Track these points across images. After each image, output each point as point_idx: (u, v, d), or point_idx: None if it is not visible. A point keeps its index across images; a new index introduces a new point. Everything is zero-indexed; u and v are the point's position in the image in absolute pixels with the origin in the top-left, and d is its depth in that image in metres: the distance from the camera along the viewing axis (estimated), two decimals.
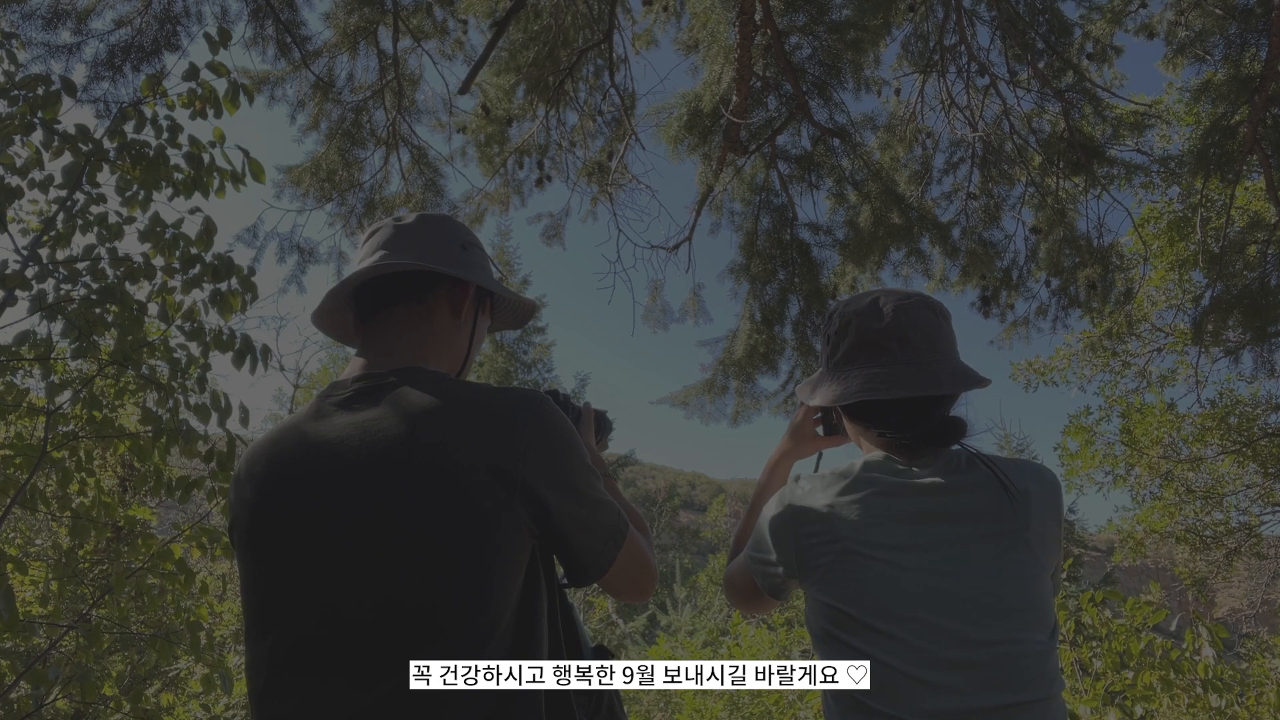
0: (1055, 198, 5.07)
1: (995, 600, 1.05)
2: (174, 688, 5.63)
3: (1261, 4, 4.57)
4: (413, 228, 1.14)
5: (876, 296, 1.23)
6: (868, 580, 1.07)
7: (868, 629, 1.06)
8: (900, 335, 1.17)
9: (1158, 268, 7.71)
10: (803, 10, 4.45)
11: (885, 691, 1.04)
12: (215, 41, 2.65)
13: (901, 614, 1.04)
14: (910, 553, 1.07)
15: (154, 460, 2.70)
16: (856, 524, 1.10)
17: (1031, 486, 1.12)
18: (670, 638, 10.34)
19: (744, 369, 5.13)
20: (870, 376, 1.16)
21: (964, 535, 1.08)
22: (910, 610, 1.04)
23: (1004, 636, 1.04)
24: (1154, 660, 3.58)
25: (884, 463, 1.16)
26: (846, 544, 1.09)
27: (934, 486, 1.12)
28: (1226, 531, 8.40)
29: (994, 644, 1.03)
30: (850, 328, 1.21)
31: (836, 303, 1.31)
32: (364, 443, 0.93)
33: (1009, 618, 1.05)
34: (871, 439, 1.22)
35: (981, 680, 1.02)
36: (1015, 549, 1.08)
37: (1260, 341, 5.76)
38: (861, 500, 1.12)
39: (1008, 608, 1.05)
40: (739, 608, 1.37)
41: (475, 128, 5.31)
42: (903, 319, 1.18)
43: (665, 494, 42.60)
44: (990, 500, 1.11)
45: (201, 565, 5.57)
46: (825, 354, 1.27)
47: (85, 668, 2.92)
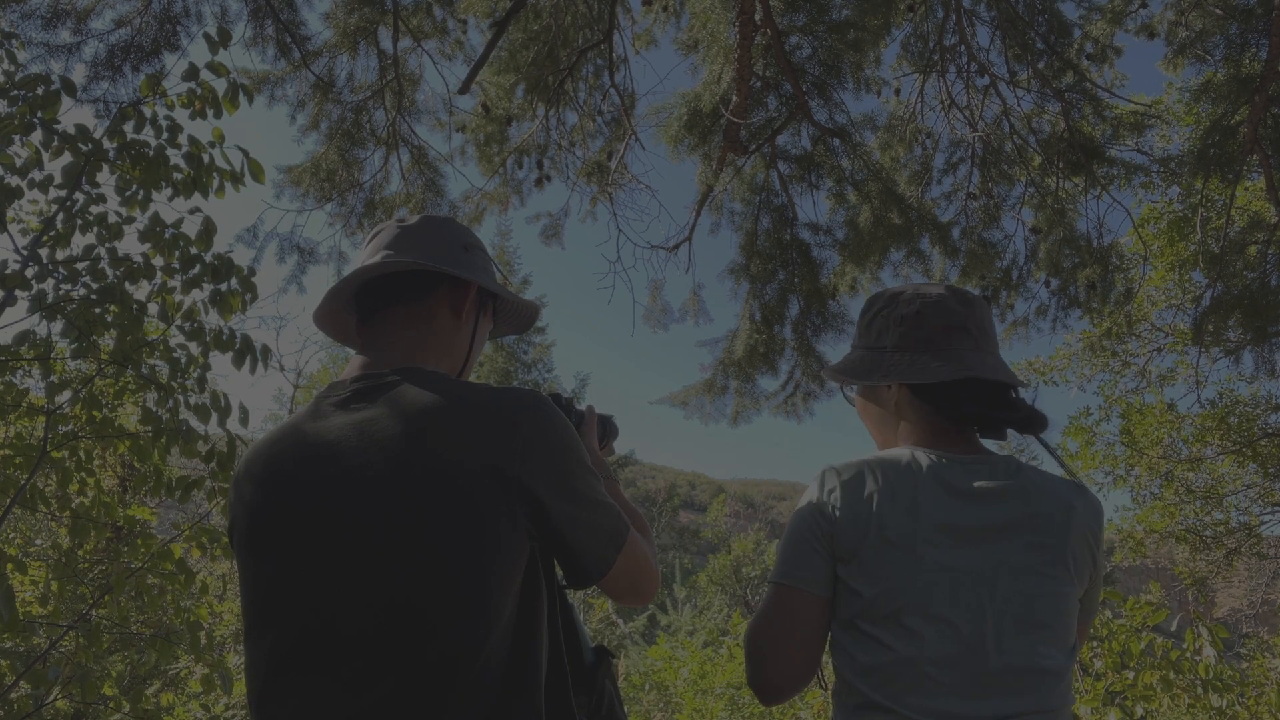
0: (1055, 198, 5.07)
1: (1026, 613, 1.05)
2: (174, 688, 5.63)
3: (1262, 4, 4.57)
4: (416, 228, 1.14)
5: (943, 286, 1.25)
6: (905, 574, 1.05)
7: (895, 624, 1.04)
8: (980, 325, 1.20)
9: (1158, 268, 7.70)
10: (803, 10, 4.45)
11: (899, 688, 1.03)
12: (215, 42, 2.65)
13: (932, 613, 1.03)
14: (953, 553, 1.06)
15: (154, 460, 2.70)
16: (904, 515, 1.07)
17: (1076, 504, 1.11)
18: (670, 638, 10.34)
19: (744, 369, 5.13)
20: (965, 358, 1.16)
21: (1009, 543, 1.07)
22: (941, 610, 1.04)
23: (1027, 649, 1.04)
24: (1154, 660, 3.58)
25: (937, 455, 1.13)
26: (890, 534, 1.06)
27: (987, 491, 1.10)
28: (1226, 531, 8.40)
29: (1016, 654, 1.03)
30: (931, 311, 1.19)
31: (892, 290, 1.27)
32: (362, 443, 0.93)
33: (1035, 631, 1.05)
34: (928, 425, 1.19)
35: (997, 688, 1.02)
36: (1055, 565, 1.07)
37: (1260, 341, 5.75)
38: (912, 492, 1.09)
39: (1036, 622, 1.05)
40: (778, 665, 1.12)
41: (475, 127, 5.31)
42: (980, 311, 1.22)
43: (665, 494, 42.61)
44: (1038, 511, 1.10)
45: (201, 565, 5.56)
46: (891, 338, 1.22)
47: (85, 668, 2.92)
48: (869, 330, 1.26)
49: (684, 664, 7.58)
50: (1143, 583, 8.74)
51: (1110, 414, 8.86)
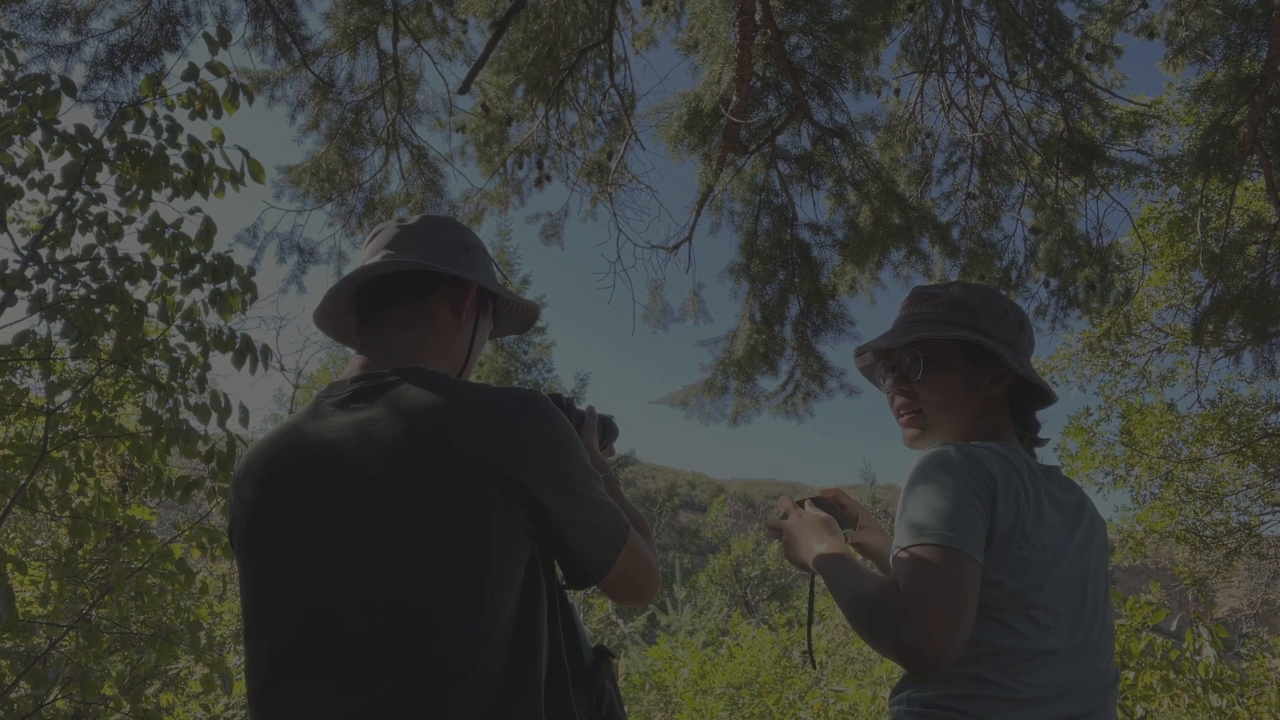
0: (1055, 198, 5.07)
1: (1105, 613, 1.17)
2: (174, 688, 5.63)
3: (1262, 4, 4.57)
4: (416, 228, 1.15)
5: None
6: (1037, 567, 1.10)
7: (1025, 614, 1.08)
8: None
9: (1158, 268, 7.70)
10: (803, 10, 4.45)
11: (1022, 671, 1.07)
12: (215, 41, 2.65)
13: (1054, 607, 1.10)
14: (1066, 551, 1.14)
15: (154, 460, 2.70)
16: (1031, 508, 1.11)
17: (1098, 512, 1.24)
18: (670, 638, 10.34)
19: (744, 369, 5.12)
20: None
21: (1094, 545, 1.19)
22: (1060, 605, 1.11)
23: (1110, 645, 1.16)
24: (1154, 660, 3.58)
25: (1029, 459, 1.22)
26: (1024, 526, 1.10)
27: (1070, 499, 1.20)
28: (1226, 531, 8.40)
29: (1107, 651, 1.15)
30: (1027, 324, 1.31)
31: (995, 291, 1.33)
32: (361, 443, 0.93)
33: (1109, 631, 1.17)
34: (1006, 425, 1.28)
35: (1095, 682, 1.12)
36: (1106, 569, 1.21)
37: (1260, 341, 5.75)
38: (1030, 486, 1.13)
39: (1109, 624, 1.17)
40: (957, 635, 0.99)
41: (475, 127, 5.31)
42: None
43: (665, 494, 42.57)
44: (1095, 519, 1.21)
45: (201, 565, 5.56)
46: (1024, 339, 1.30)
47: (85, 668, 2.92)
48: (1001, 324, 1.28)
49: (684, 664, 7.58)
50: (1143, 583, 8.74)
51: (1110, 414, 8.87)
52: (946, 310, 1.28)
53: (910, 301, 1.34)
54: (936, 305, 1.29)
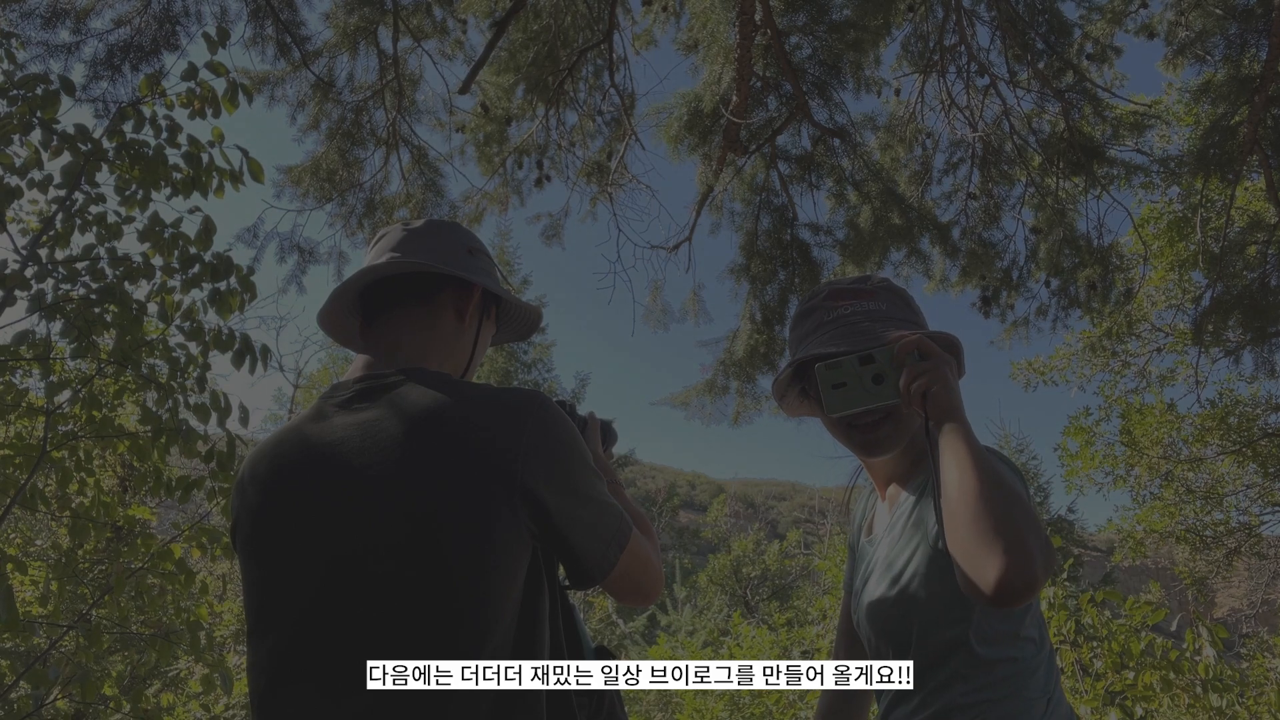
0: (1055, 198, 5.06)
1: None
2: (174, 688, 5.63)
3: (1261, 4, 4.57)
4: (421, 231, 1.15)
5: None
6: None
7: (1036, 625, 1.13)
8: None
9: (1158, 268, 7.70)
10: (803, 10, 4.45)
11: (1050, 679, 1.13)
12: (214, 41, 2.65)
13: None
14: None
15: (154, 460, 2.69)
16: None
17: None
18: (670, 638, 10.34)
19: (744, 369, 5.12)
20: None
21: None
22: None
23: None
24: (1154, 660, 3.58)
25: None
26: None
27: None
28: (1226, 531, 8.40)
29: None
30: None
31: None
32: (364, 443, 0.93)
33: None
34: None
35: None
36: None
37: (1260, 342, 5.75)
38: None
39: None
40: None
41: (475, 127, 5.30)
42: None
43: (665, 494, 42.55)
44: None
45: (201, 565, 5.56)
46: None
47: (85, 668, 2.92)
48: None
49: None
50: (1143, 583, 8.74)
51: (1110, 414, 8.86)
52: (892, 306, 1.21)
53: (843, 298, 1.21)
54: (878, 301, 1.21)
